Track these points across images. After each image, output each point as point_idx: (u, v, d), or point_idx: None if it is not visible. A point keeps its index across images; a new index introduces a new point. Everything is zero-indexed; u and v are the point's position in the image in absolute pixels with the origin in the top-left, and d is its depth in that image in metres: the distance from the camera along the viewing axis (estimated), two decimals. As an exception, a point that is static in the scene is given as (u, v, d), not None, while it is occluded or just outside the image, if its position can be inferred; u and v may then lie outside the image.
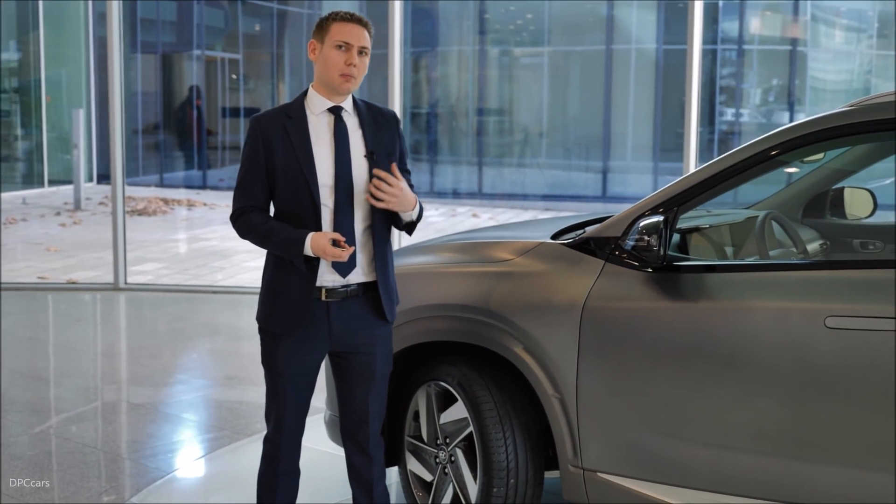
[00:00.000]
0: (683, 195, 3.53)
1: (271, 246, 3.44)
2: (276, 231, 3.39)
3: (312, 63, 3.47)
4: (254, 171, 3.44)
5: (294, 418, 3.59)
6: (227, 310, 9.12)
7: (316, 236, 3.32)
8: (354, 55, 3.39)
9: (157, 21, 22.42)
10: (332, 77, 3.41)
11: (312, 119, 3.45)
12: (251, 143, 3.46)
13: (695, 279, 3.47)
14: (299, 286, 3.41)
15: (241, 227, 3.47)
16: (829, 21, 20.93)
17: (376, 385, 3.60)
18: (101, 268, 10.94)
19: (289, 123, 3.43)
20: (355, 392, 3.60)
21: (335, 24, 3.41)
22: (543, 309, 3.71)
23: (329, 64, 3.40)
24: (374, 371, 3.57)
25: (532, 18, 21.51)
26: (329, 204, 3.40)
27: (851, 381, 3.12)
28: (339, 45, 3.38)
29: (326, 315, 3.45)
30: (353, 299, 3.47)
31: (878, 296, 3.12)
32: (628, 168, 20.35)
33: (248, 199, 3.46)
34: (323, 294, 3.43)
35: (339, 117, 3.46)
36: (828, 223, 4.64)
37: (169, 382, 6.71)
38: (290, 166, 3.39)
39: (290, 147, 3.40)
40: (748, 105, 20.90)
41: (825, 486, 3.17)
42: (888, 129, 3.40)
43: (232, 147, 22.75)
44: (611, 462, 3.57)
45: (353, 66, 3.39)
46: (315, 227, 3.37)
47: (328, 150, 3.42)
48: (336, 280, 3.43)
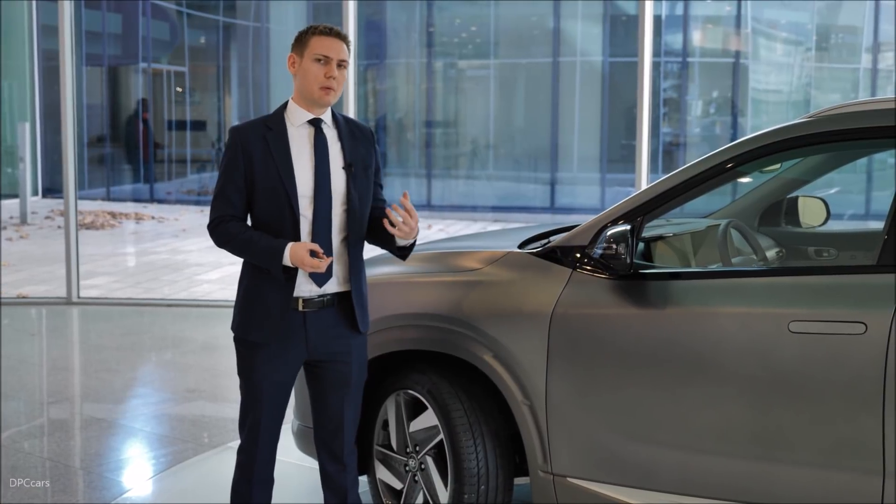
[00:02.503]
0: (648, 204, 3.62)
1: (250, 255, 3.47)
2: (254, 240, 3.42)
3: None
4: (233, 180, 3.46)
5: (269, 428, 3.63)
6: (182, 323, 9.09)
7: (295, 247, 3.35)
8: (334, 68, 3.44)
9: (103, 33, 22.25)
10: (312, 90, 3.45)
11: (292, 131, 3.49)
12: (231, 152, 3.48)
13: (661, 286, 3.55)
14: (276, 296, 3.44)
15: (219, 236, 3.49)
16: (770, 34, 21.28)
17: (351, 393, 3.64)
18: (51, 282, 10.85)
19: (269, 134, 3.46)
20: (330, 400, 3.64)
21: (314, 38, 3.46)
22: (512, 317, 3.77)
23: (309, 77, 3.45)
24: (350, 379, 3.61)
25: (478, 31, 21.64)
26: (308, 214, 3.43)
27: (815, 383, 3.21)
28: (318, 59, 3.43)
29: (303, 325, 3.49)
30: (329, 309, 3.51)
31: (840, 300, 3.22)
32: (576, 179, 20.52)
33: (226, 209, 3.48)
34: (300, 304, 3.47)
35: (319, 129, 3.51)
36: (783, 231, 4.75)
37: (128, 396, 6.69)
38: (270, 177, 3.42)
39: (269, 157, 3.43)
40: (691, 117, 21.16)
41: (790, 487, 3.26)
42: (845, 140, 3.52)
43: (179, 160, 22.62)
44: (580, 467, 3.64)
45: (332, 79, 3.44)
46: (294, 237, 3.41)
47: (308, 161, 3.46)
48: (313, 290, 3.47)
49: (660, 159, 19.73)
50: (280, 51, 22.53)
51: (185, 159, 22.71)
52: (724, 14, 21.24)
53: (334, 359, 3.57)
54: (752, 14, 20.47)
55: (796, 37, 21.37)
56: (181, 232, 16.18)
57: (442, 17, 21.72)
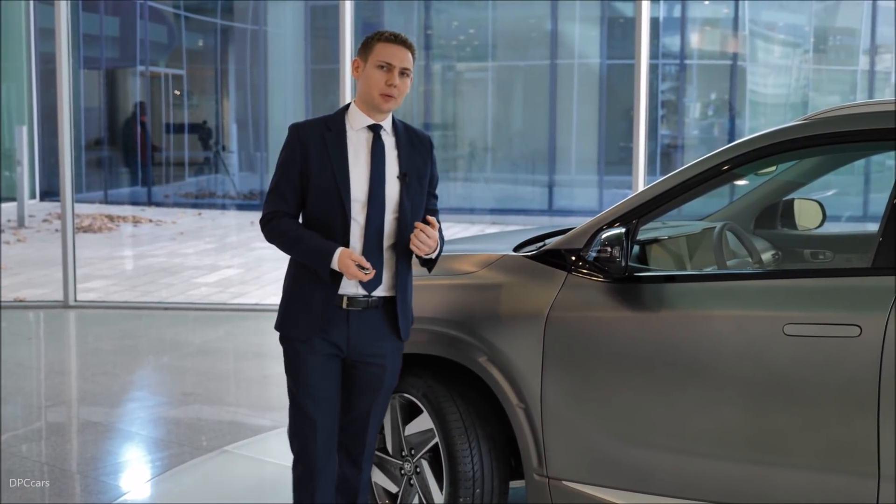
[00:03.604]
0: (643, 207, 3.62)
1: (299, 253, 3.48)
2: (305, 239, 3.43)
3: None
4: (289, 176, 3.48)
5: (325, 429, 3.57)
6: (179, 326, 9.08)
7: (343, 254, 3.37)
8: (396, 76, 3.44)
9: (101, 37, 22.24)
10: (372, 95, 3.45)
11: (351, 134, 3.50)
12: (289, 148, 3.49)
13: (656, 289, 3.55)
14: (321, 293, 3.45)
15: (270, 231, 3.50)
16: (767, 36, 21.29)
17: (381, 397, 3.64)
18: (48, 285, 10.84)
19: (328, 135, 3.47)
20: (358, 402, 3.62)
21: (379, 45, 3.46)
22: (507, 320, 3.77)
23: (371, 83, 3.45)
24: (382, 383, 3.61)
25: (476, 34, 21.65)
26: (359, 219, 3.45)
27: (810, 386, 3.21)
28: (381, 66, 3.44)
29: (346, 322, 3.49)
30: (373, 311, 3.52)
31: (835, 303, 3.22)
32: (573, 182, 20.53)
33: (279, 204, 3.49)
34: (344, 302, 3.48)
35: (378, 135, 3.51)
36: (779, 234, 4.75)
37: (125, 399, 6.68)
38: (325, 177, 3.44)
39: (326, 158, 3.44)
40: (689, 119, 21.17)
41: (785, 490, 3.26)
42: (841, 142, 3.52)
43: (177, 163, 22.62)
44: (575, 470, 3.64)
45: (393, 87, 3.44)
46: (343, 240, 3.43)
47: (364, 166, 3.47)
48: (359, 290, 3.48)
49: (658, 161, 19.74)
50: (277, 53, 22.55)
51: (182, 162, 22.70)
52: (721, 16, 21.25)
53: (370, 361, 3.56)
54: (750, 16, 20.48)
55: (794, 39, 21.38)
56: (179, 235, 16.17)
57: (439, 20, 21.73)
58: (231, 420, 6.16)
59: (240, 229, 17.46)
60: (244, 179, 22.14)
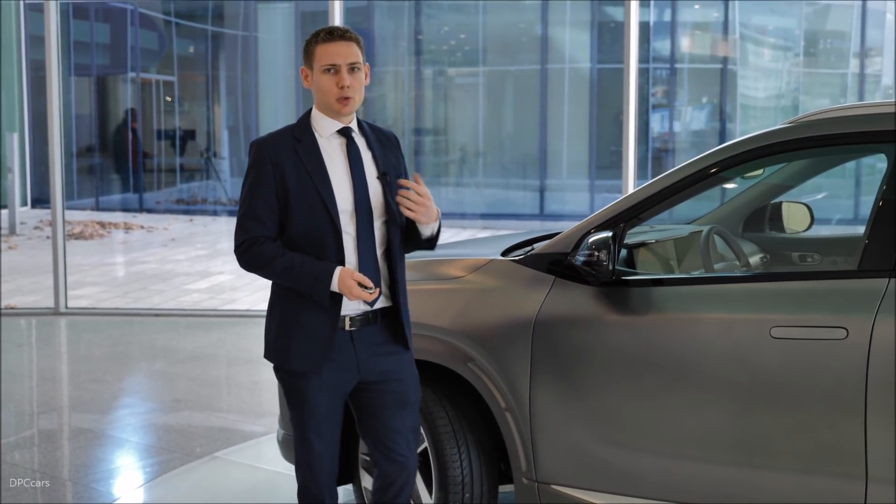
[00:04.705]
0: (630, 211, 3.63)
1: (292, 280, 3.23)
2: (297, 264, 3.20)
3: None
4: (264, 197, 3.23)
5: (330, 458, 3.40)
6: (169, 333, 9.07)
7: (344, 274, 3.16)
8: (345, 75, 3.22)
9: (92, 44, 22.22)
10: (329, 103, 3.25)
11: (322, 142, 3.29)
12: (258, 167, 3.25)
13: (643, 293, 3.56)
14: (320, 317, 3.23)
15: (250, 260, 3.26)
16: (758, 40, 21.33)
17: (411, 412, 3.43)
18: (39, 292, 10.82)
19: (299, 147, 3.25)
20: (389, 423, 3.39)
21: (318, 48, 3.25)
22: (495, 324, 3.78)
23: (322, 90, 3.25)
24: (409, 398, 3.40)
25: (466, 38, 21.66)
26: (350, 231, 3.24)
27: (796, 388, 3.22)
28: (327, 69, 3.22)
29: (352, 344, 3.29)
30: (373, 326, 3.31)
31: (821, 306, 3.24)
32: (565, 186, 20.54)
33: (256, 229, 3.25)
34: (347, 323, 3.27)
35: (351, 139, 3.31)
36: (767, 237, 4.77)
37: (115, 406, 6.68)
38: (307, 192, 3.21)
39: (304, 172, 3.22)
40: (680, 123, 21.21)
41: (773, 493, 3.27)
42: (826, 145, 3.54)
43: (168, 169, 22.59)
44: (564, 474, 3.64)
45: (346, 87, 3.22)
46: (337, 255, 3.21)
47: (343, 174, 3.26)
48: (359, 306, 3.28)
49: (649, 165, 19.77)
50: (268, 59, 22.54)
51: (174, 169, 22.68)
52: (712, 20, 21.28)
53: (387, 378, 3.35)
54: (741, 20, 20.52)
55: (784, 42, 21.43)
56: (170, 241, 16.16)
57: (430, 25, 21.74)
58: (222, 426, 6.16)
59: (231, 235, 17.38)
60: (235, 185, 22.11)
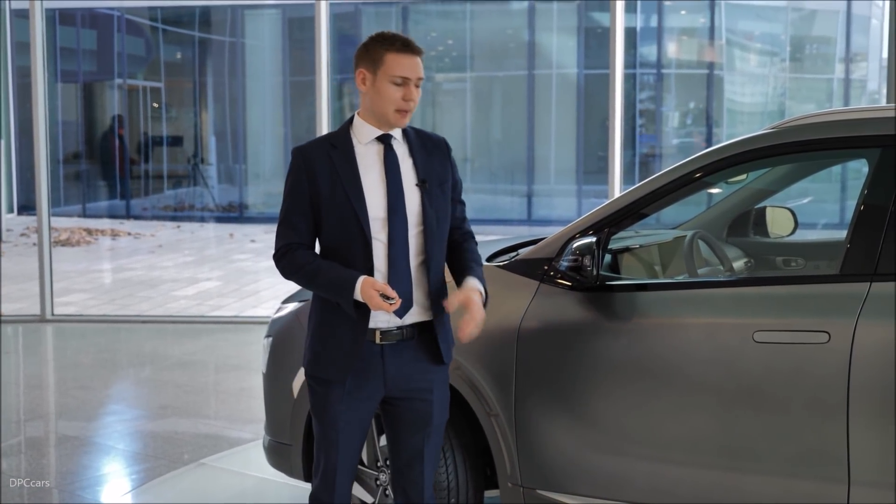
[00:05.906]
0: (614, 216, 3.65)
1: (318, 287, 3.21)
2: (323, 271, 3.17)
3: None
4: (298, 204, 3.21)
5: (346, 470, 3.34)
6: (156, 339, 9.05)
7: (366, 283, 3.09)
8: (412, 89, 3.19)
9: (78, 50, 22.19)
10: (386, 112, 3.18)
11: (360, 148, 3.23)
12: (294, 175, 3.21)
13: (628, 298, 3.58)
14: (349, 329, 3.19)
15: (285, 266, 3.24)
16: (744, 45, 21.41)
17: (433, 435, 3.36)
18: (25, 299, 10.79)
19: (334, 153, 3.20)
20: (409, 443, 3.35)
21: (390, 56, 3.18)
22: (480, 330, 3.78)
23: (384, 98, 3.17)
24: (430, 419, 3.33)
25: (453, 44, 21.69)
26: (381, 238, 3.17)
27: (780, 392, 3.25)
28: (395, 81, 3.17)
29: (381, 359, 3.23)
30: (409, 342, 3.24)
31: (803, 310, 3.26)
32: (552, 191, 20.58)
33: (292, 236, 3.23)
34: (377, 336, 3.21)
35: (389, 146, 3.24)
36: (751, 241, 4.79)
37: (101, 413, 6.67)
38: (337, 199, 3.16)
39: (336, 178, 3.17)
40: (667, 128, 21.26)
41: (757, 496, 3.29)
42: (809, 150, 3.56)
43: (155, 176, 22.55)
44: (549, 479, 3.65)
45: (411, 102, 3.19)
46: (366, 263, 3.16)
47: (378, 180, 3.19)
48: (391, 320, 3.21)
49: (636, 170, 19.81)
50: (255, 65, 22.52)
51: (161, 175, 22.64)
52: (698, 26, 21.36)
53: (413, 396, 3.29)
54: (727, 25, 20.59)
55: (771, 48, 21.52)
56: (157, 248, 16.13)
57: (417, 31, 21.75)
58: (209, 433, 6.15)
59: (219, 241, 17.42)
60: (223, 192, 22.09)
